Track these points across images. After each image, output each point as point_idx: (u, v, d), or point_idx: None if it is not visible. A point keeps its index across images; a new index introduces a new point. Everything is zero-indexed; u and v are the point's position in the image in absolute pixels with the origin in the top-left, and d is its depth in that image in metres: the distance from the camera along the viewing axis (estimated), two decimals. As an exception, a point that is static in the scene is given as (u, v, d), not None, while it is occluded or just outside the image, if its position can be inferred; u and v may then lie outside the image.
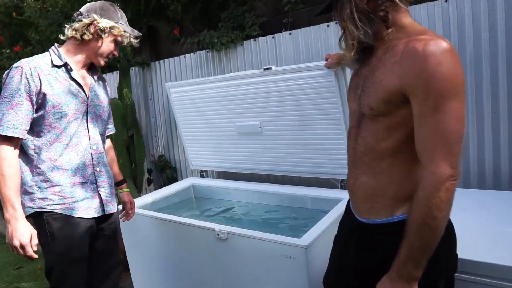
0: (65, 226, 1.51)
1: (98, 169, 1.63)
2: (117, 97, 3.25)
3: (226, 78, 2.46)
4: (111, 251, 1.73)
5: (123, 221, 1.95)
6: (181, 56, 3.14)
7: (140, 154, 3.25)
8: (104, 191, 1.65)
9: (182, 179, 3.33)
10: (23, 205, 1.46)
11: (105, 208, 1.64)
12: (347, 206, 1.23)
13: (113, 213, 1.70)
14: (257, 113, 2.41)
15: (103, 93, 1.75)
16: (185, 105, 2.79)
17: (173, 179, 3.34)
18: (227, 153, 2.73)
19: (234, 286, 1.91)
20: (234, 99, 2.48)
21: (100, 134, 1.69)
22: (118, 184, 1.91)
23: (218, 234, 1.86)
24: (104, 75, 2.37)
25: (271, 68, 2.23)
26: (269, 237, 1.72)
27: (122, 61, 3.17)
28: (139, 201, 2.47)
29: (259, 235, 1.75)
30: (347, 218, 1.22)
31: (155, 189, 3.51)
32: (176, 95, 2.80)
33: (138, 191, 3.19)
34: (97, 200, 1.62)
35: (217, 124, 2.66)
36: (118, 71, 3.40)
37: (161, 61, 3.31)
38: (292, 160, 2.42)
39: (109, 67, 3.72)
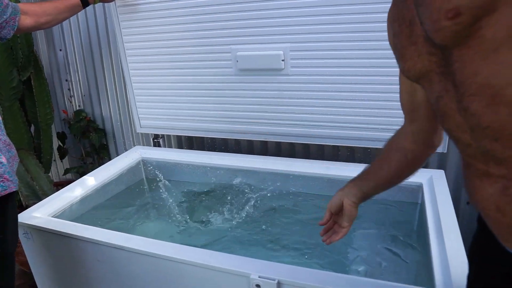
0: None
1: None
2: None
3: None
4: None
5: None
6: None
7: (44, 110, 1.99)
8: None
9: (116, 147, 2.17)
10: None
11: None
12: (486, 231, 0.57)
13: None
14: (281, 35, 1.37)
15: None
16: (139, 22, 1.61)
17: (103, 148, 2.16)
18: (207, 107, 1.64)
19: None
20: (236, 9, 1.41)
21: None
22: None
23: (258, 286, 0.87)
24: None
25: None
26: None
27: None
28: (53, 204, 1.33)
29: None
30: (496, 254, 0.55)
31: (72, 165, 2.29)
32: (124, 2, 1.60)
33: (45, 171, 1.96)
34: None
35: (197, 55, 1.57)
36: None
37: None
38: (327, 118, 1.46)
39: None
